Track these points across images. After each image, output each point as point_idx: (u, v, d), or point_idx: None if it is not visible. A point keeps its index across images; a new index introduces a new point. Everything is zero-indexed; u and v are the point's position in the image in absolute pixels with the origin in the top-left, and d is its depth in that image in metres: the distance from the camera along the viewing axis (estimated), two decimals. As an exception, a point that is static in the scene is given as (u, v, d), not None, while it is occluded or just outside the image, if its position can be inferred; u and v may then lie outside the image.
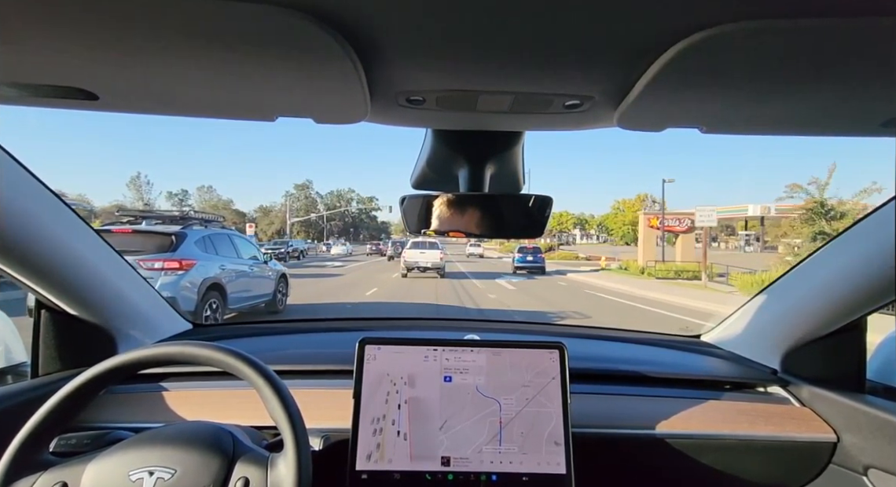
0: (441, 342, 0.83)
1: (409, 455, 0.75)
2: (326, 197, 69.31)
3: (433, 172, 0.83)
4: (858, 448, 0.83)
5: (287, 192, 63.53)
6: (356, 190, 75.32)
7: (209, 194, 58.11)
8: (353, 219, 72.25)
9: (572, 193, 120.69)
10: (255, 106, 0.55)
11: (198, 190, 58.23)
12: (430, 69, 0.46)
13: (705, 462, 0.87)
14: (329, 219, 63.33)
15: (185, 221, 6.38)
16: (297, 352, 1.14)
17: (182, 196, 56.46)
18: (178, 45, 0.39)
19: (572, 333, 1.39)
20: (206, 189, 58.56)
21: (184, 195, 56.72)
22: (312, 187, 66.66)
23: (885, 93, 0.46)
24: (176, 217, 6.58)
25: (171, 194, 56.30)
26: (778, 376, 1.01)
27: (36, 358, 0.91)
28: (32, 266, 0.79)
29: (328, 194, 70.44)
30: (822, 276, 0.89)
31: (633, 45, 0.40)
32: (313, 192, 66.49)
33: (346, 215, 69.28)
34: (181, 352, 0.62)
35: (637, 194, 60.81)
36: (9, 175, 0.72)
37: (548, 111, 0.57)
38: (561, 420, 0.78)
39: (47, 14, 0.35)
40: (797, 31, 0.35)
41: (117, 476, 0.57)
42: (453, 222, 0.69)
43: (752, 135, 0.63)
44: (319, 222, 59.93)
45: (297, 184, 66.03)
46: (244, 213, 57.71)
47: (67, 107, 0.54)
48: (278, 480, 0.57)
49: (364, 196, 74.87)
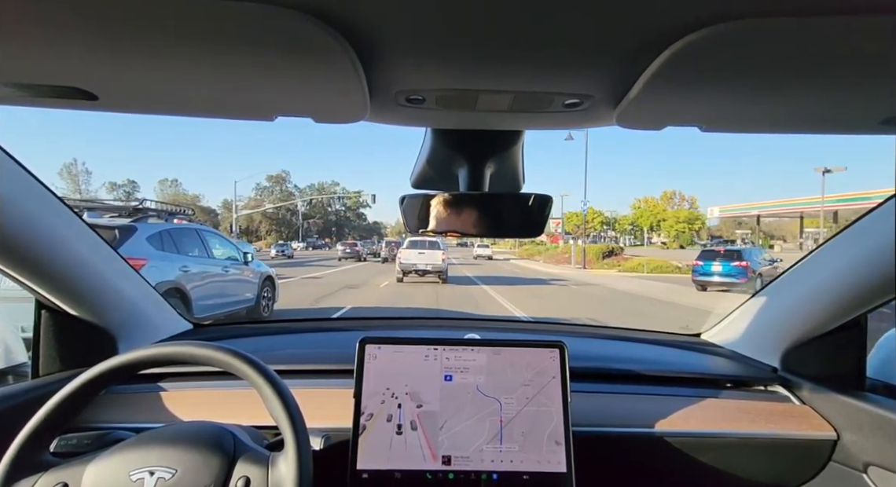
0: (441, 341, 0.83)
1: (409, 454, 0.75)
2: (306, 190, 58.90)
3: (433, 172, 0.83)
4: (858, 446, 0.83)
5: (258, 185, 53.64)
6: (341, 183, 64.16)
7: (173, 188, 50.56)
8: (336, 217, 63.68)
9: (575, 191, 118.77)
10: (254, 105, 0.55)
11: (159, 183, 51.03)
12: (430, 68, 0.46)
13: (706, 461, 0.87)
14: (307, 216, 56.15)
15: (141, 213, 5.39)
16: (297, 352, 1.14)
17: (130, 188, 47.63)
18: (177, 44, 0.39)
19: (572, 332, 1.39)
20: (171, 182, 51.30)
21: (132, 187, 48.15)
22: (290, 179, 57.27)
23: (884, 91, 0.46)
24: (130, 208, 5.53)
25: (115, 185, 47.70)
26: (778, 374, 1.01)
27: (36, 359, 0.91)
28: (33, 266, 0.79)
29: (308, 188, 60.68)
30: (822, 274, 0.89)
31: (633, 44, 0.40)
32: (290, 185, 56.86)
33: (329, 212, 61.84)
34: (181, 352, 0.62)
35: (663, 191, 55.15)
36: (9, 175, 0.72)
37: (547, 110, 0.57)
38: (561, 419, 0.78)
39: (47, 14, 0.35)
40: (796, 29, 0.35)
41: (118, 477, 0.57)
42: (453, 221, 0.69)
43: (751, 134, 0.63)
44: (294, 220, 52.26)
45: (272, 175, 55.99)
46: (214, 210, 50.53)
47: (66, 107, 0.54)
48: (279, 479, 0.57)
49: (351, 191, 63.06)
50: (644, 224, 51.99)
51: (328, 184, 61.54)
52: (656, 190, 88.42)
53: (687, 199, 52.78)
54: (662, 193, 54.27)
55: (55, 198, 0.81)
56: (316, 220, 56.97)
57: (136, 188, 49.17)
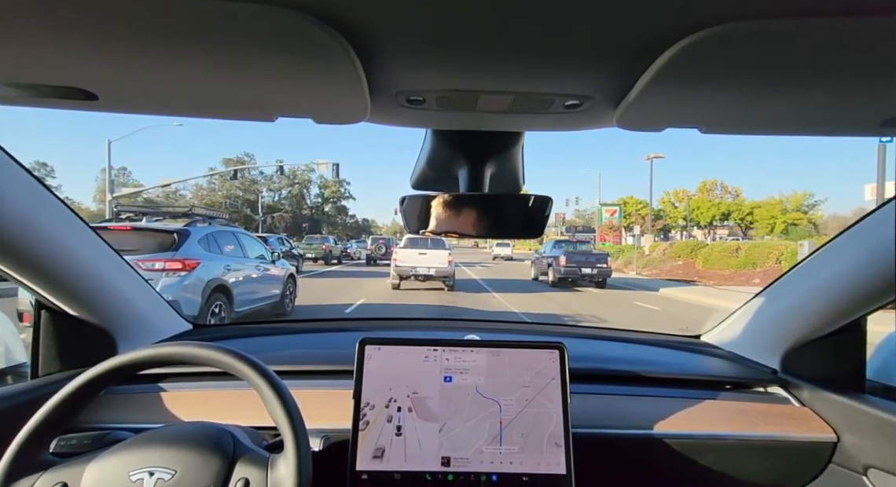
0: (441, 342, 0.83)
1: (409, 455, 0.75)
2: (275, 177, 44.46)
3: (433, 172, 0.83)
4: (858, 448, 0.83)
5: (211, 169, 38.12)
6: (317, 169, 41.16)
7: (121, 177, 40.36)
8: (311, 211, 48.90)
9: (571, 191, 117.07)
10: (254, 106, 0.55)
11: (101, 172, 37.33)
12: (431, 69, 0.46)
13: (705, 463, 0.87)
14: (273, 208, 42.85)
15: (189, 217, 6.02)
16: (297, 352, 1.14)
17: (46, 172, 36.08)
18: (178, 45, 0.39)
19: (572, 333, 1.39)
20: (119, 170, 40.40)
21: (48, 171, 36.75)
22: (254, 162, 42.91)
23: (883, 93, 0.46)
24: (178, 213, 6.30)
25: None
26: (778, 376, 1.01)
27: (36, 359, 0.91)
28: (33, 266, 0.79)
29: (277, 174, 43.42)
30: (821, 276, 0.89)
31: (634, 45, 0.40)
32: (255, 172, 42.98)
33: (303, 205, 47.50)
34: (181, 352, 0.62)
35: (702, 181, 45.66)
36: (9, 175, 0.72)
37: (548, 111, 0.57)
38: (561, 420, 0.78)
39: (47, 14, 0.35)
40: (796, 30, 0.36)
41: (117, 477, 0.57)
42: (453, 222, 0.69)
43: (751, 135, 0.64)
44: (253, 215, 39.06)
45: (229, 158, 42.87)
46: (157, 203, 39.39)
47: (67, 107, 0.54)
48: (278, 480, 0.57)
49: (330, 180, 47.95)
50: (703, 219, 42.51)
51: (301, 170, 47.06)
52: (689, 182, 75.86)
53: (730, 191, 44.55)
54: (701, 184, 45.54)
55: (55, 198, 0.81)
56: (283, 214, 43.60)
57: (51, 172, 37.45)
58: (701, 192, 44.87)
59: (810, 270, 0.94)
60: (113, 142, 17.78)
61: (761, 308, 1.08)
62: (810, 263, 0.95)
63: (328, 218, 51.47)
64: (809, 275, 0.94)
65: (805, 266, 0.96)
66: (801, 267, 0.97)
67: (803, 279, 0.96)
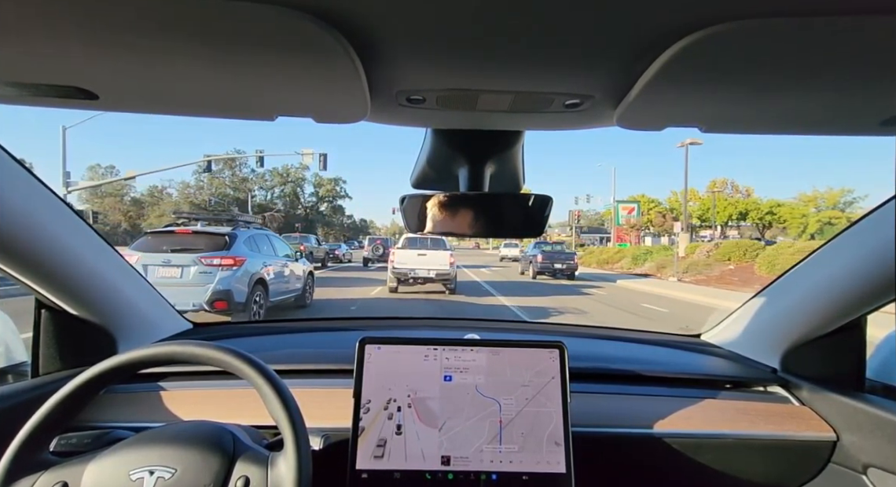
0: (441, 341, 0.83)
1: (409, 454, 0.75)
2: (267, 175, 42.36)
3: (433, 172, 0.83)
4: (858, 447, 0.83)
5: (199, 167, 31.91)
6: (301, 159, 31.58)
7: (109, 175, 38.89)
8: (306, 210, 45.91)
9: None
10: (254, 105, 0.55)
11: (88, 170, 39.46)
12: (431, 68, 0.46)
13: (705, 461, 0.87)
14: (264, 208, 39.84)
15: (232, 223, 7.26)
16: (297, 352, 1.14)
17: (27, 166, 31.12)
18: (178, 44, 0.39)
19: (572, 332, 1.39)
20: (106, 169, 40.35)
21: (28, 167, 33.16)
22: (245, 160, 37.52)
23: (884, 92, 0.46)
24: (221, 219, 7.60)
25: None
26: (778, 375, 1.01)
27: (36, 358, 0.91)
28: (33, 266, 0.79)
29: (269, 171, 42.93)
30: (821, 275, 0.90)
31: (634, 44, 0.40)
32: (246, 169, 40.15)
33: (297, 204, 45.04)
34: (181, 352, 0.62)
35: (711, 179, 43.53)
36: (9, 175, 0.72)
37: (548, 110, 0.57)
38: (561, 419, 0.78)
39: (47, 14, 0.35)
40: (796, 29, 0.35)
41: (118, 476, 0.58)
42: (453, 222, 0.69)
43: (751, 135, 0.64)
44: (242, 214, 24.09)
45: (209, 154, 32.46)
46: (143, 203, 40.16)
47: (67, 107, 0.54)
48: (278, 479, 0.57)
49: (325, 178, 45.78)
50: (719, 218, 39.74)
51: (295, 168, 44.03)
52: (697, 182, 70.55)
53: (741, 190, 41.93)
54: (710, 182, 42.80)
55: (56, 197, 0.81)
56: (275, 214, 40.35)
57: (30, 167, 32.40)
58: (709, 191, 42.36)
59: (810, 270, 0.94)
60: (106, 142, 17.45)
61: (761, 307, 1.08)
62: (810, 263, 0.95)
63: (323, 217, 49.19)
64: (809, 275, 0.94)
65: (805, 265, 0.96)
66: (801, 267, 0.97)
67: (803, 278, 0.96)
